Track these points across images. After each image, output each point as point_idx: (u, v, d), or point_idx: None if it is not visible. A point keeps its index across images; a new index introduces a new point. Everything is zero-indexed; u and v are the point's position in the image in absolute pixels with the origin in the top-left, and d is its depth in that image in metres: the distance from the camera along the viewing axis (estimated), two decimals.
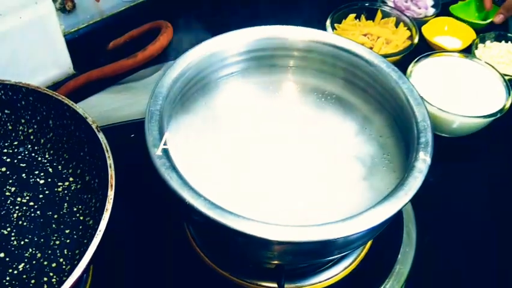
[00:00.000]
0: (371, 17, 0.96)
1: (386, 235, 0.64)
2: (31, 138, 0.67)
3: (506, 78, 0.81)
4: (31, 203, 0.62)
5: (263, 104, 0.66)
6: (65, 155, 0.65)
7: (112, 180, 0.55)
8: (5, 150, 0.67)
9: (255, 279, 0.61)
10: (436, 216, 0.71)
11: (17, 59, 0.78)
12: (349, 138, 0.62)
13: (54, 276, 0.56)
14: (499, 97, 0.79)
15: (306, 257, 0.54)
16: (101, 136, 0.58)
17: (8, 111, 0.66)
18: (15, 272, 0.56)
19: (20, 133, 0.67)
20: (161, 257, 0.64)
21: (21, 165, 0.66)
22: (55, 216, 0.61)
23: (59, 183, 0.64)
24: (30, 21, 0.76)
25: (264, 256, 0.54)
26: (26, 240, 0.59)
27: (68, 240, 0.59)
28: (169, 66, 0.61)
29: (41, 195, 0.63)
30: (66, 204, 0.62)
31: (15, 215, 0.61)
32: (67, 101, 0.62)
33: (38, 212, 0.61)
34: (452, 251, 0.68)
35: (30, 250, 0.58)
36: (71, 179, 0.64)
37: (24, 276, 0.56)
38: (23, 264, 0.57)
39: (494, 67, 0.82)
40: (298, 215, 0.55)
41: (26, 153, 0.67)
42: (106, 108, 0.81)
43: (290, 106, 0.66)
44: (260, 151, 0.61)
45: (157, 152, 0.51)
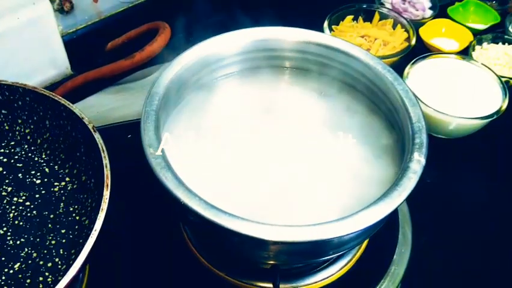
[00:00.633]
0: (369, 18, 0.96)
1: (381, 236, 0.64)
2: (28, 138, 0.67)
3: (503, 79, 0.81)
4: (27, 203, 0.62)
5: (259, 105, 0.66)
6: (61, 155, 0.66)
7: (107, 180, 0.55)
8: (2, 150, 0.67)
9: (250, 279, 0.61)
10: (432, 217, 0.71)
11: (14, 60, 0.78)
12: (345, 139, 0.62)
13: (50, 276, 0.56)
14: (495, 99, 0.79)
15: (300, 257, 0.55)
16: (97, 136, 0.58)
17: (5, 112, 0.66)
18: (11, 271, 0.56)
19: (16, 133, 0.67)
20: (158, 257, 0.64)
21: (18, 165, 0.66)
22: (51, 216, 0.61)
23: (56, 183, 0.64)
24: (28, 22, 0.76)
25: (259, 256, 0.54)
26: (22, 239, 0.59)
27: (64, 240, 0.59)
28: (166, 66, 0.61)
29: (37, 195, 0.63)
30: (62, 204, 0.62)
31: (12, 215, 0.61)
32: (63, 102, 0.62)
33: (35, 212, 0.61)
34: (448, 252, 0.68)
35: (26, 250, 0.58)
36: (67, 179, 0.64)
37: (20, 275, 0.56)
38: (18, 263, 0.57)
39: (491, 69, 0.83)
40: (293, 216, 0.55)
41: (22, 153, 0.67)
42: (103, 108, 0.81)
43: (286, 107, 0.66)
44: (256, 152, 0.61)
45: (156, 152, 0.52)
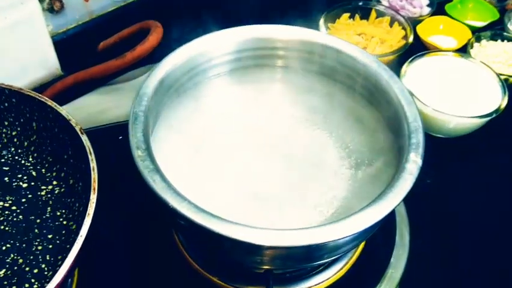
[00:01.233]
0: (365, 16, 0.95)
1: (378, 238, 0.63)
2: (14, 140, 0.66)
3: (502, 77, 0.80)
4: (13, 207, 0.61)
5: (251, 104, 0.64)
6: (48, 158, 0.64)
7: (94, 183, 0.53)
8: None
9: (243, 283, 0.60)
10: (430, 218, 0.70)
11: (2, 60, 0.76)
12: (339, 139, 0.61)
13: (36, 283, 0.54)
14: (494, 97, 0.77)
15: (293, 261, 0.53)
16: (84, 138, 0.57)
17: None
18: None
19: (3, 136, 0.66)
20: (149, 261, 0.63)
21: (4, 168, 0.64)
22: (38, 220, 0.59)
23: (43, 187, 0.63)
24: (16, 22, 0.75)
25: (251, 261, 0.53)
26: (7, 245, 0.57)
27: (50, 246, 0.57)
28: (155, 66, 0.60)
29: (23, 199, 0.61)
30: (49, 208, 0.61)
31: None
32: (50, 103, 0.60)
33: (21, 217, 0.60)
34: (447, 255, 0.66)
35: (12, 255, 0.56)
36: (54, 182, 0.63)
37: (6, 282, 0.54)
38: (4, 270, 0.55)
39: (489, 66, 0.81)
40: (285, 219, 0.53)
41: (9, 156, 0.65)
42: (94, 109, 0.80)
43: (279, 107, 0.64)
44: (248, 152, 0.60)
45: (144, 155, 0.50)
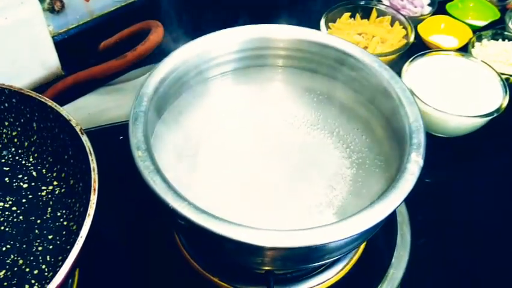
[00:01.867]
0: (366, 15, 0.95)
1: (379, 238, 0.63)
2: (15, 141, 0.66)
3: (503, 77, 0.80)
4: (14, 208, 0.60)
5: (253, 104, 0.64)
6: (49, 158, 0.64)
7: (95, 184, 0.53)
8: None
9: (244, 284, 0.60)
10: (431, 218, 0.70)
11: (3, 61, 0.76)
12: (340, 139, 0.61)
13: (37, 284, 0.54)
14: (495, 96, 0.77)
15: (294, 262, 0.53)
16: (84, 139, 0.57)
17: None
18: None
19: (3, 136, 0.66)
20: (150, 261, 0.63)
21: (5, 168, 0.64)
22: (38, 221, 0.59)
23: (43, 187, 0.62)
24: (17, 22, 0.75)
25: (252, 261, 0.53)
26: (8, 246, 0.57)
27: (51, 246, 0.57)
28: (156, 66, 0.60)
29: (24, 200, 0.61)
30: (50, 208, 0.60)
31: None
32: (50, 103, 0.60)
33: (21, 217, 0.60)
34: (448, 255, 0.66)
35: (12, 256, 0.56)
36: (55, 182, 0.63)
37: (6, 283, 0.54)
38: (4, 271, 0.55)
39: (491, 66, 0.81)
40: (286, 219, 0.53)
41: (9, 156, 0.65)
42: (94, 109, 0.80)
43: (280, 107, 0.64)
44: (249, 152, 0.59)
45: (144, 155, 0.50)
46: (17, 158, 0.65)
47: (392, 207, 0.47)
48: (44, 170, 0.64)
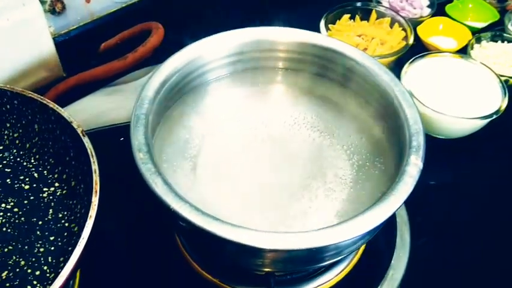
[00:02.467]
0: (366, 17, 0.95)
1: (379, 239, 0.63)
2: (16, 142, 0.66)
3: (502, 79, 0.80)
4: (15, 209, 0.61)
5: (252, 107, 0.64)
6: (50, 159, 0.64)
7: (96, 186, 0.53)
8: None
9: (244, 285, 0.60)
10: (430, 220, 0.70)
11: (3, 62, 0.76)
12: (340, 141, 0.61)
13: (38, 285, 0.54)
14: (495, 98, 0.77)
15: (294, 264, 0.53)
16: (86, 141, 0.57)
17: None
18: None
19: (5, 137, 0.66)
20: (151, 263, 0.63)
21: (6, 170, 0.64)
22: (40, 222, 0.60)
23: (45, 189, 0.63)
24: (18, 23, 0.75)
25: (252, 263, 0.53)
26: (9, 247, 0.57)
27: (52, 248, 0.57)
28: (157, 68, 0.60)
29: (25, 201, 0.61)
30: (51, 210, 0.61)
31: None
32: (51, 105, 0.60)
33: (23, 219, 0.60)
34: (448, 256, 0.67)
35: (14, 258, 0.57)
36: (56, 184, 0.63)
37: (8, 284, 0.54)
38: (6, 272, 0.55)
39: (490, 68, 0.81)
40: (287, 221, 0.54)
41: (11, 158, 0.65)
42: (95, 111, 0.80)
43: (280, 109, 0.65)
44: (249, 155, 0.60)
45: (145, 157, 0.50)
46: (18, 159, 0.65)
47: (392, 209, 0.47)
48: (45, 172, 0.64)
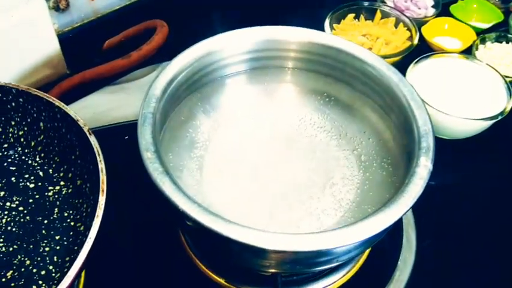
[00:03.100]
0: (370, 17, 0.95)
1: (385, 240, 0.63)
2: (21, 140, 0.65)
3: (507, 79, 0.80)
4: (20, 208, 0.60)
5: (261, 106, 0.64)
6: (56, 158, 0.64)
7: (103, 185, 0.53)
8: None
9: (250, 286, 0.60)
10: (436, 221, 0.70)
11: (8, 60, 0.76)
12: (348, 142, 0.61)
13: (44, 284, 0.54)
14: (500, 99, 0.77)
15: (302, 265, 0.53)
16: (92, 139, 0.57)
17: None
18: (3, 279, 0.54)
19: (10, 135, 0.65)
20: (156, 263, 0.63)
21: (11, 168, 0.64)
22: (45, 221, 0.59)
23: (50, 188, 0.62)
24: (22, 21, 0.74)
25: (259, 264, 0.53)
26: (14, 246, 0.57)
27: (58, 247, 0.57)
28: (164, 66, 0.59)
29: (31, 200, 0.61)
30: (56, 209, 0.60)
31: (4, 220, 0.59)
32: (57, 103, 0.60)
33: (28, 218, 0.59)
34: (454, 257, 0.66)
35: (19, 257, 0.56)
36: (62, 183, 0.63)
37: (13, 284, 0.54)
38: (11, 271, 0.55)
39: (495, 68, 0.81)
40: (294, 221, 0.53)
41: (16, 156, 0.65)
42: (99, 109, 0.79)
43: (288, 108, 0.64)
44: (257, 154, 0.59)
45: (153, 157, 0.50)
46: (23, 157, 0.65)
47: (401, 211, 0.47)
48: (50, 170, 0.64)
